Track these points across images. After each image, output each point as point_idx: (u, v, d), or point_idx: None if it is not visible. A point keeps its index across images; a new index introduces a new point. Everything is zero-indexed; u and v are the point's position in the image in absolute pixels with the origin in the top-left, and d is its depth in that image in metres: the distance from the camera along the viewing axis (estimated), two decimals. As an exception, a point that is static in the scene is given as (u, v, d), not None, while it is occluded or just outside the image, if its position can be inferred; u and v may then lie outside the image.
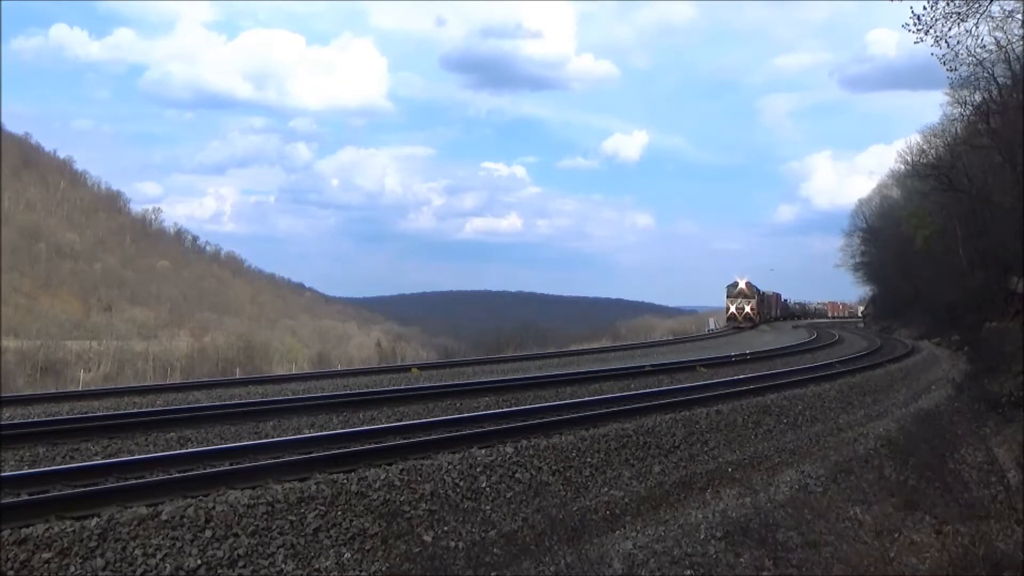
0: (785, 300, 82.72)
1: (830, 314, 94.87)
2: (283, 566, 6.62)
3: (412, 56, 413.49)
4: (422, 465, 8.45)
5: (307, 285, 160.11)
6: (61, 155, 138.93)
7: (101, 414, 12.19)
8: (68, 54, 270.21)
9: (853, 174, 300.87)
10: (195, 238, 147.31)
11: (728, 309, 60.84)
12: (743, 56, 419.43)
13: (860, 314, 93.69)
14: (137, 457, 8.83)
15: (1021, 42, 25.50)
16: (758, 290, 63.15)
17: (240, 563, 6.45)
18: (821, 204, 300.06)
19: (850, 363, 23.28)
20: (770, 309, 72.64)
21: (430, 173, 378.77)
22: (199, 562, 6.28)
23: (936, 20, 20.61)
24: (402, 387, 16.36)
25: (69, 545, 6.00)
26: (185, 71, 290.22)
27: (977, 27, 21.60)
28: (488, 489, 8.61)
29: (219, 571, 6.32)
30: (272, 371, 40.21)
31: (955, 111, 37.78)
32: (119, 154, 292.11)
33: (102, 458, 9.33)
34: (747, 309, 59.83)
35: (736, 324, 58.56)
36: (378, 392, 15.13)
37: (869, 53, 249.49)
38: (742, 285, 60.70)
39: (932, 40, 20.97)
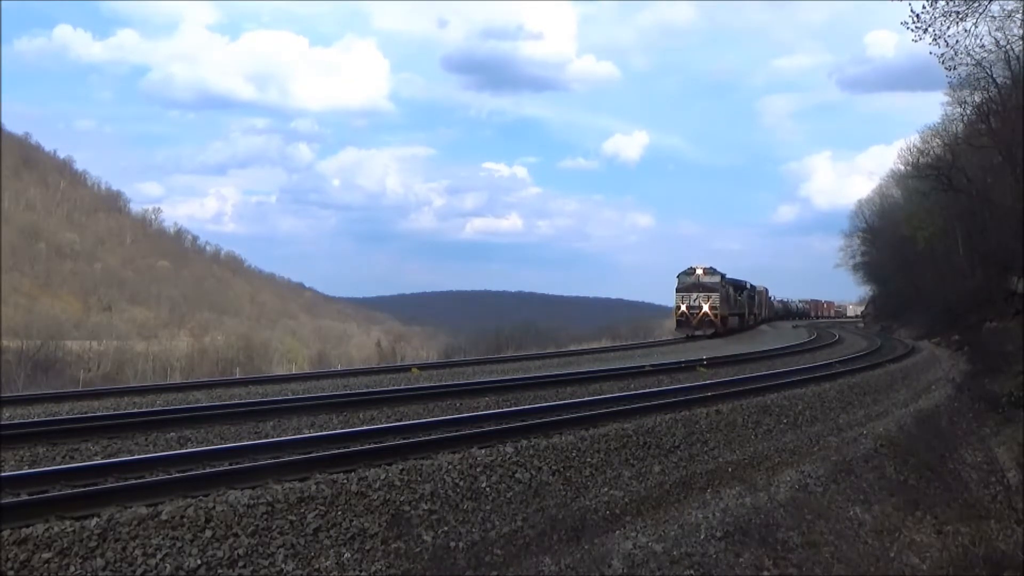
0: (770, 298, 70.32)
1: (812, 314, 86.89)
2: (283, 566, 6.62)
3: (414, 57, 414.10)
4: (422, 465, 8.44)
5: (307, 285, 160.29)
6: (61, 155, 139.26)
7: (101, 414, 12.17)
8: (71, 55, 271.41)
9: (853, 174, 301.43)
10: (195, 238, 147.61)
11: (678, 308, 43.21)
12: (743, 57, 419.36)
13: (856, 314, 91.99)
14: (137, 457, 8.81)
15: (1021, 42, 25.54)
16: (725, 280, 45.33)
17: (240, 563, 6.45)
18: (821, 204, 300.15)
19: (850, 363, 23.27)
20: (760, 308, 60.87)
21: (431, 173, 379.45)
22: (199, 562, 6.28)
23: (935, 19, 20.71)
24: (402, 387, 16.34)
25: (69, 545, 6.00)
26: (187, 72, 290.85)
27: (976, 27, 21.70)
28: (488, 489, 8.60)
29: (219, 571, 6.32)
30: (272, 371, 40.24)
31: (955, 111, 37.93)
32: (121, 154, 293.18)
33: (102, 458, 9.31)
34: (705, 308, 42.28)
35: (689, 331, 41.84)
36: (378, 392, 15.11)
37: (868, 55, 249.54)
38: (699, 272, 43.63)
39: (931, 39, 21.07)
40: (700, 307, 42.32)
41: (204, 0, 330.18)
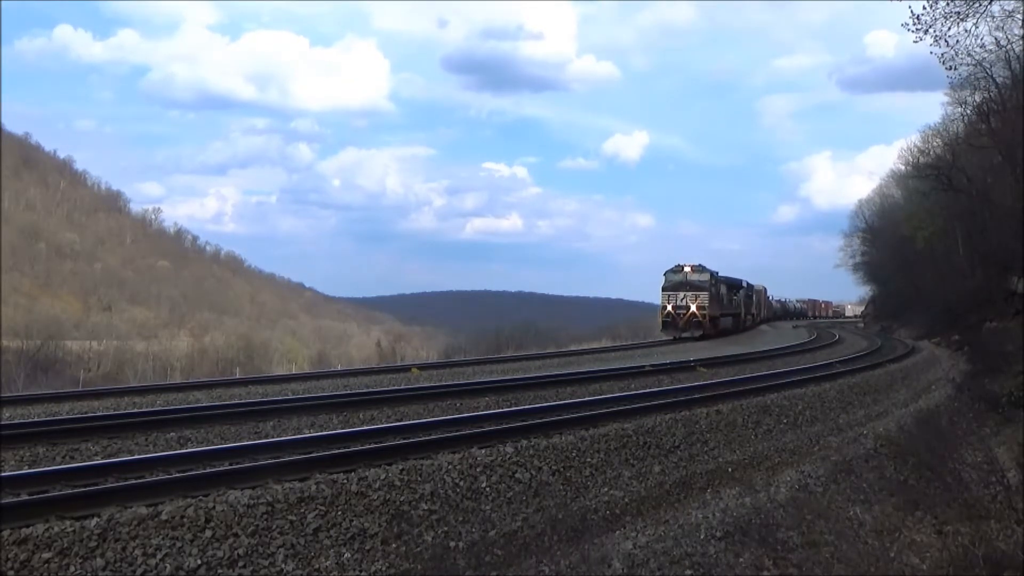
0: (768, 297, 67.79)
1: (810, 314, 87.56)
2: (283, 566, 6.62)
3: (414, 57, 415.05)
4: (422, 465, 8.45)
5: (307, 285, 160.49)
6: (61, 155, 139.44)
7: (101, 414, 12.17)
8: (71, 55, 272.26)
9: (853, 174, 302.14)
10: (195, 238, 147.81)
11: (664, 308, 40.28)
12: (743, 57, 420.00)
13: (855, 314, 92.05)
14: (137, 457, 8.82)
15: (1021, 42, 25.56)
16: (717, 278, 42.59)
17: (240, 563, 6.45)
18: (821, 204, 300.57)
19: (850, 363, 23.27)
20: (759, 308, 59.14)
21: (431, 173, 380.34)
22: (199, 562, 6.28)
23: (936, 20, 20.75)
24: (402, 387, 16.34)
25: (69, 545, 6.00)
26: (188, 72, 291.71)
27: (977, 27, 21.72)
28: (488, 489, 8.60)
29: (219, 571, 6.32)
30: (272, 371, 40.23)
31: (955, 111, 37.97)
32: (121, 155, 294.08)
33: (102, 458, 9.31)
34: (692, 308, 39.39)
35: (676, 332, 39.24)
36: (378, 392, 15.11)
37: (868, 55, 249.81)
38: (687, 270, 40.73)
39: (932, 39, 21.10)
40: (687, 307, 39.47)
41: (204, 0, 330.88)
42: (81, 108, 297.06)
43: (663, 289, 40.78)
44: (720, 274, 44.07)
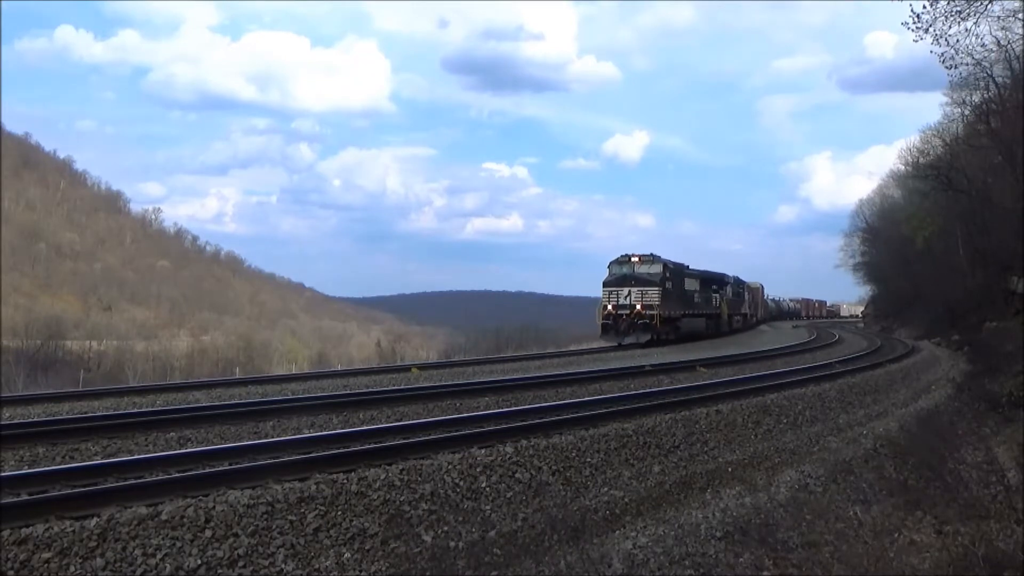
0: (765, 296, 64.19)
1: (804, 314, 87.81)
2: (283, 566, 6.61)
3: (415, 58, 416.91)
4: (422, 465, 8.44)
5: (307, 285, 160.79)
6: (61, 155, 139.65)
7: (101, 414, 12.16)
8: (72, 55, 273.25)
9: (853, 174, 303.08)
10: (195, 238, 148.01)
11: (604, 308, 32.74)
12: (743, 58, 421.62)
13: (851, 314, 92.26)
14: (137, 457, 8.81)
15: (1022, 42, 25.57)
16: (675, 271, 35.18)
17: (240, 563, 6.44)
18: (821, 204, 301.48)
19: (850, 363, 23.27)
20: (755, 308, 55.96)
21: (432, 174, 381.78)
22: (199, 562, 6.27)
23: (936, 19, 20.78)
24: (402, 387, 16.33)
25: (69, 545, 5.99)
26: (189, 73, 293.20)
27: (977, 26, 21.75)
28: (488, 489, 8.60)
29: (219, 571, 6.32)
30: (272, 371, 40.26)
31: (955, 111, 38.02)
32: (122, 155, 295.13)
33: (102, 458, 9.30)
34: (638, 307, 31.88)
35: (619, 338, 31.70)
36: (378, 392, 15.10)
37: (868, 55, 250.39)
38: (635, 261, 33.27)
39: (932, 39, 21.14)
40: (631, 305, 31.92)
41: (206, 1, 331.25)
42: (82, 108, 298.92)
43: (604, 284, 33.35)
44: (691, 267, 38.42)
